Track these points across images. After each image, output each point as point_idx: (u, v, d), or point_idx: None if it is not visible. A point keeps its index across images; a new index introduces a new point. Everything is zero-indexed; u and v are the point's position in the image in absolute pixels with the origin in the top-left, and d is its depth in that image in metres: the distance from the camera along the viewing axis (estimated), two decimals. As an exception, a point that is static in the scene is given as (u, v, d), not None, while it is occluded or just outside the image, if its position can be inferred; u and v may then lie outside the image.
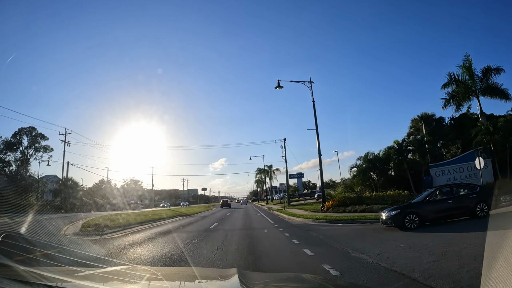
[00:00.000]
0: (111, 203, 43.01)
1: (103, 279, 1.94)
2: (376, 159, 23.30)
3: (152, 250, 7.78)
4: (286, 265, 6.07)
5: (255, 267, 5.64)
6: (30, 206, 30.89)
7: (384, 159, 23.25)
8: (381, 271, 5.03)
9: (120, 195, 51.32)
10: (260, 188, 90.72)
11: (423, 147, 21.39)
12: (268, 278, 2.73)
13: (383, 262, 5.52)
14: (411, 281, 4.40)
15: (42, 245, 3.30)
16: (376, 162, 23.11)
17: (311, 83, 21.46)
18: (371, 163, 23.26)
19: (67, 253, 3.22)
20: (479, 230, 7.35)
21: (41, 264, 2.22)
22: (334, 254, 6.77)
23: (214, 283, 2.14)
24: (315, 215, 16.88)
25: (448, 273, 4.49)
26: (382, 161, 23.29)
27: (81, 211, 31.91)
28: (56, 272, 1.73)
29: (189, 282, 2.07)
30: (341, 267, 5.29)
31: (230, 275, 2.27)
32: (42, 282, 1.35)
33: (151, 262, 6.27)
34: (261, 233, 11.43)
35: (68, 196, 41.96)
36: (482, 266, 3.79)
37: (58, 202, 40.58)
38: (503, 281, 3.09)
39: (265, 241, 9.38)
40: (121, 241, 9.83)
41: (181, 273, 2.71)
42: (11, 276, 1.36)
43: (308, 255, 6.63)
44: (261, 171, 68.03)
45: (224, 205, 44.80)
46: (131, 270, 2.29)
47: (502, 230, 6.48)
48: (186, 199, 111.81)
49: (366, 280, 4.57)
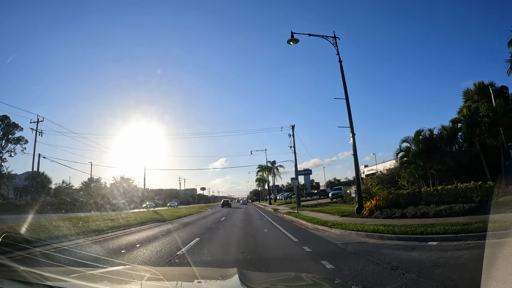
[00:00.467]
0: (91, 203, 37.05)
1: (104, 279, 1.94)
2: (435, 138, 16.70)
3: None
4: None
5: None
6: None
7: (445, 138, 16.63)
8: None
9: (108, 195, 46.16)
10: (261, 187, 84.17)
11: (506, 118, 14.49)
12: (269, 277, 2.72)
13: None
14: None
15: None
16: (435, 143, 16.47)
17: (336, 39, 14.88)
18: (428, 145, 16.43)
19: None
20: None
21: (41, 264, 2.42)
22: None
23: (214, 283, 2.15)
24: (356, 222, 10.22)
25: None
26: (444, 141, 16.67)
27: (46, 212, 25.97)
28: (56, 272, 1.74)
29: (190, 282, 2.10)
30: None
31: (230, 274, 2.26)
32: (42, 282, 1.33)
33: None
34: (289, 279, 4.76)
35: (35, 194, 35.69)
36: None
37: (24, 201, 34.30)
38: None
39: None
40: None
41: (181, 273, 2.78)
42: (12, 276, 1.35)
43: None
44: (263, 168, 61.31)
45: (225, 205, 48.14)
46: (132, 270, 2.32)
47: None
48: (185, 199, 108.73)
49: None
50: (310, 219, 13.14)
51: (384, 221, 9.86)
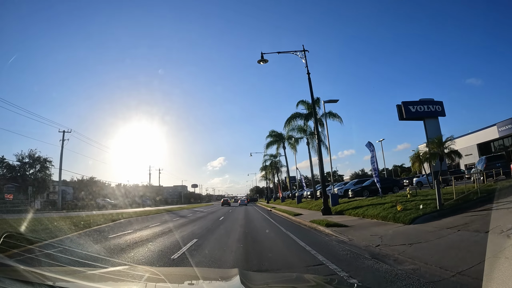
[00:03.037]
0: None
1: (105, 279, 1.92)
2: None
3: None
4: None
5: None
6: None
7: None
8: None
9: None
10: (268, 178, 59.28)
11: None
12: (270, 278, 2.74)
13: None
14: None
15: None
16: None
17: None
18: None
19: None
20: None
21: (42, 264, 2.35)
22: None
23: (215, 283, 2.10)
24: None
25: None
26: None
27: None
28: (57, 272, 1.71)
29: (191, 283, 2.07)
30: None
31: (232, 275, 2.22)
32: (44, 282, 1.32)
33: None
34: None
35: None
36: None
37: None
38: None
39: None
40: None
41: (182, 273, 2.67)
42: (13, 276, 1.33)
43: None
44: (276, 138, 36.52)
45: (224, 203, 50.41)
46: (133, 270, 2.30)
47: None
48: (170, 197, 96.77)
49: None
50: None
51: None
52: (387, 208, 10.76)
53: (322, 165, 14.99)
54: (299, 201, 27.93)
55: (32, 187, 34.44)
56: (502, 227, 5.21)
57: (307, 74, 15.21)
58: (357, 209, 12.76)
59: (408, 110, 28.74)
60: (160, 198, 75.01)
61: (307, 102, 24.18)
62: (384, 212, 10.23)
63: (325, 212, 14.06)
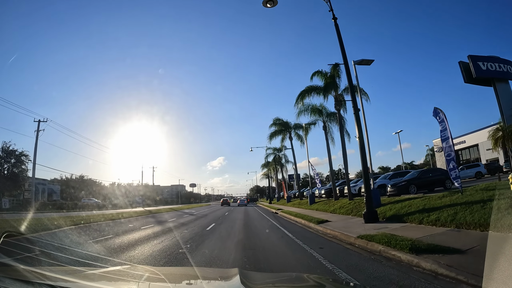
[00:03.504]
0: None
1: (105, 278, 1.91)
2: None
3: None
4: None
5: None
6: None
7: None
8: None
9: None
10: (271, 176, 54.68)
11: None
12: (270, 278, 2.66)
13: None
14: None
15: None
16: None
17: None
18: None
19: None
20: None
21: (42, 263, 2.31)
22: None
23: (215, 283, 2.07)
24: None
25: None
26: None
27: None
28: (57, 271, 1.69)
29: (191, 282, 2.04)
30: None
31: (232, 275, 2.19)
32: (44, 281, 1.28)
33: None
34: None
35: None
36: None
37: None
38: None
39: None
40: None
41: (182, 273, 2.64)
42: (13, 276, 1.31)
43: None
44: (281, 127, 31.76)
45: (224, 203, 50.79)
46: (133, 270, 2.27)
47: None
48: (169, 196, 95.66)
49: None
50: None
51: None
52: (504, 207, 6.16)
53: (364, 149, 10.07)
54: (312, 201, 23.20)
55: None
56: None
57: (333, 19, 10.89)
58: (428, 213, 8.15)
59: (478, 68, 18.93)
60: (159, 198, 71.09)
61: (325, 72, 18.90)
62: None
63: (370, 219, 9.46)
